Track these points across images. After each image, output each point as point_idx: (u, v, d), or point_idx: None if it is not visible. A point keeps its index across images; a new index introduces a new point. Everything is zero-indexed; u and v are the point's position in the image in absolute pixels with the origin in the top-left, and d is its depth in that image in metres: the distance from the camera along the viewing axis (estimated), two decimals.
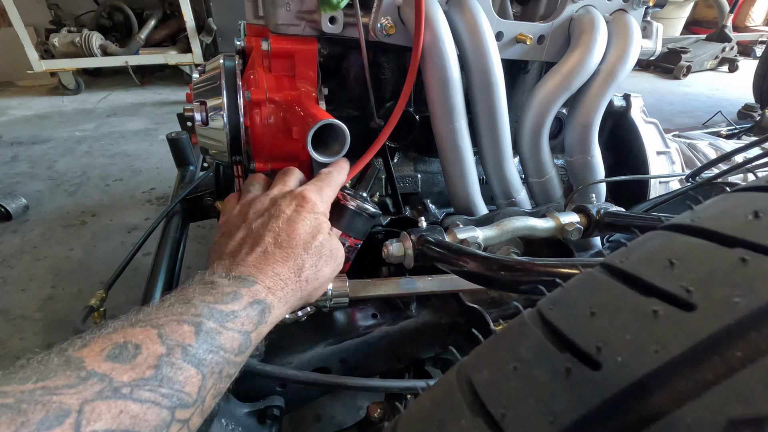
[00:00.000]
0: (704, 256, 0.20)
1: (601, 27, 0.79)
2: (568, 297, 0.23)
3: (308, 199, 0.57)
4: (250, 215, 0.57)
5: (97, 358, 0.33)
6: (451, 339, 0.79)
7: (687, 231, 0.23)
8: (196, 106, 0.71)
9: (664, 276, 0.20)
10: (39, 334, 1.29)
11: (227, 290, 0.44)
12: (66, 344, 0.35)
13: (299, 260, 0.52)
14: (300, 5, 0.72)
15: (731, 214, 0.23)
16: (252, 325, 0.44)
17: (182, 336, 0.37)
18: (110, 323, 0.38)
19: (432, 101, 0.74)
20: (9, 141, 2.63)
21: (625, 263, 0.23)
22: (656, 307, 0.19)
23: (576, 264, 0.49)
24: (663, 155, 1.11)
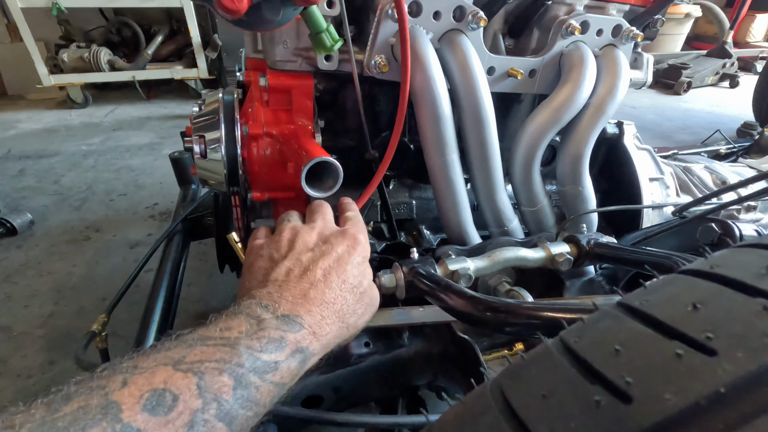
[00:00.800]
0: (727, 302, 0.21)
1: (590, 62, 0.81)
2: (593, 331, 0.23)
3: (360, 242, 0.56)
4: (298, 245, 0.54)
5: (135, 408, 0.32)
6: (442, 368, 0.80)
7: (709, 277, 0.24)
8: (195, 139, 0.74)
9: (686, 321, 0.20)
10: (40, 352, 1.31)
11: (273, 334, 0.42)
12: (107, 373, 0.35)
13: (345, 304, 0.51)
14: (297, 42, 0.74)
15: (748, 263, 0.23)
16: (290, 377, 0.43)
17: (221, 389, 0.36)
18: (151, 353, 0.37)
19: (424, 135, 0.76)
20: (17, 155, 2.68)
21: (645, 306, 0.23)
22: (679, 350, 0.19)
23: (565, 308, 0.50)
24: (656, 181, 1.12)
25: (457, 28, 0.74)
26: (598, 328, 0.24)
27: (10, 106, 3.64)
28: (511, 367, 0.25)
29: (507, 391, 0.23)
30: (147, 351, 0.38)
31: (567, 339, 0.23)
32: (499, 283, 0.83)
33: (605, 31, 0.84)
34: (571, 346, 0.22)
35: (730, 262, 0.24)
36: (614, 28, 0.84)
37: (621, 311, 0.24)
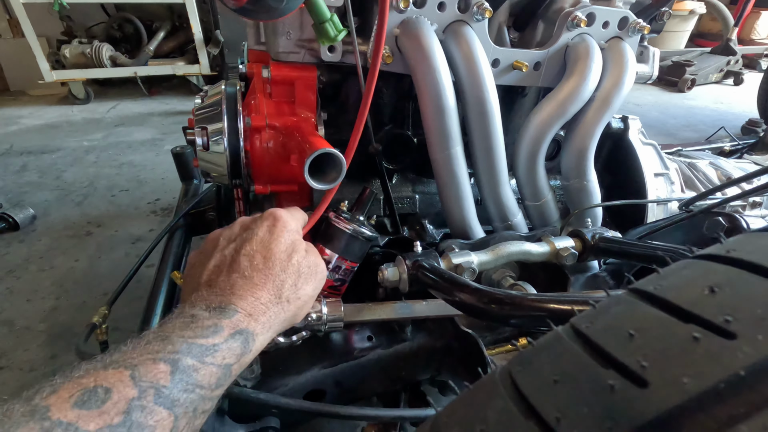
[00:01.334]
0: (745, 285, 0.20)
1: (596, 55, 0.80)
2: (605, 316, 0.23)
3: (279, 218, 0.56)
4: (221, 242, 0.55)
5: (64, 406, 0.32)
6: (445, 362, 0.80)
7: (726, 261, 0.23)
8: (197, 131, 0.73)
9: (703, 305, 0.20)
10: (42, 346, 1.31)
11: (207, 323, 0.43)
12: (34, 391, 0.34)
13: (278, 281, 0.51)
14: (300, 34, 0.74)
15: (766, 247, 0.23)
16: (234, 357, 0.43)
17: (156, 376, 0.36)
18: (83, 365, 0.37)
19: (428, 128, 0.75)
20: (19, 151, 2.67)
21: (659, 290, 0.23)
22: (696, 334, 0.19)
23: (568, 299, 0.49)
24: (661, 176, 1.11)
25: (462, 19, 0.73)
26: (611, 313, 0.23)
27: (12, 102, 3.64)
28: (520, 353, 0.25)
29: (517, 377, 0.22)
30: (76, 365, 0.37)
31: (578, 325, 0.23)
32: (502, 278, 0.83)
33: (611, 23, 0.83)
34: (583, 332, 0.22)
35: (746, 246, 0.23)
36: (621, 21, 0.83)
37: (634, 296, 0.23)
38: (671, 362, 0.18)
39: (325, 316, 0.67)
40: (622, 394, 0.18)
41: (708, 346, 0.18)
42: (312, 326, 0.65)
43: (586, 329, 0.22)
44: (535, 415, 0.20)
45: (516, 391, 0.22)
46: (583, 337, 0.22)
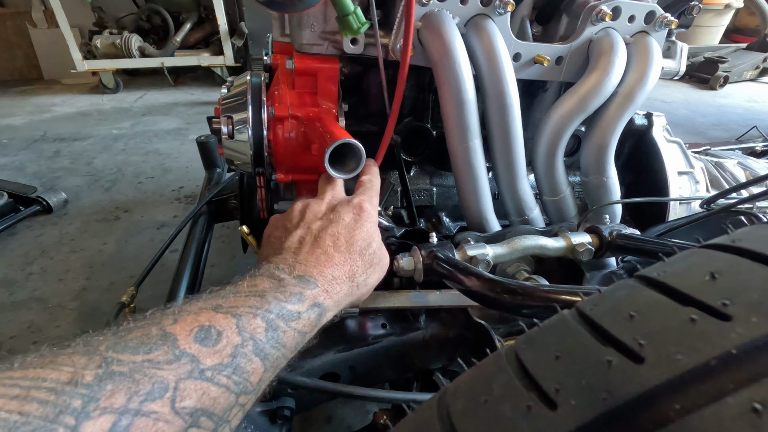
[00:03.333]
0: (745, 272, 0.21)
1: (620, 49, 0.79)
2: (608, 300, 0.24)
3: (365, 209, 0.61)
4: (308, 216, 0.60)
5: (187, 339, 0.37)
6: (458, 352, 0.81)
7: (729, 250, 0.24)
8: (222, 120, 0.76)
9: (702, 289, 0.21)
10: (73, 324, 1.38)
11: (294, 290, 0.48)
12: (158, 315, 0.40)
13: (354, 266, 0.55)
14: (324, 26, 0.75)
15: None
16: (310, 326, 0.49)
17: (255, 329, 0.41)
18: (194, 300, 0.43)
19: (447, 120, 0.76)
20: (52, 137, 2.79)
21: (662, 276, 0.24)
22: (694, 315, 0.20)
23: (579, 292, 0.50)
24: (685, 175, 1.09)
25: (484, 12, 0.74)
26: (614, 296, 0.24)
27: (46, 90, 3.79)
28: (526, 333, 0.26)
29: (521, 353, 0.24)
30: (186, 300, 0.43)
31: (582, 307, 0.24)
32: (517, 271, 0.83)
33: (638, 17, 0.81)
34: (587, 313, 0.23)
35: (751, 236, 0.24)
36: (647, 15, 0.82)
37: (638, 282, 0.24)
38: (667, 341, 0.19)
39: None
40: (618, 369, 0.19)
41: (704, 326, 0.19)
42: None
43: (590, 311, 0.23)
44: (536, 387, 0.21)
45: (520, 366, 0.23)
46: (586, 318, 0.23)
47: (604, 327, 0.21)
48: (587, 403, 0.19)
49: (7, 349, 1.29)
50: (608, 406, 0.18)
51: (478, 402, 0.22)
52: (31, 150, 2.61)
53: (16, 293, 1.51)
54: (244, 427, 0.66)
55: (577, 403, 0.19)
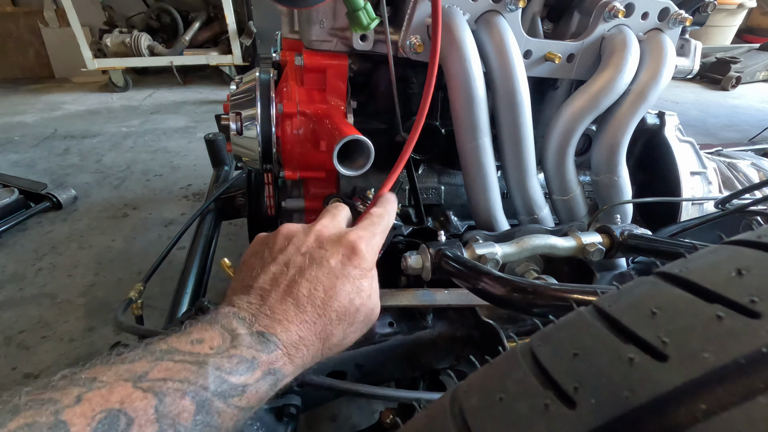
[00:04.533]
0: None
1: (633, 47, 0.78)
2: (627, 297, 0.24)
3: (358, 252, 0.48)
4: (290, 248, 0.49)
5: (84, 429, 0.30)
6: (465, 352, 0.80)
7: (756, 246, 0.23)
8: (231, 117, 0.76)
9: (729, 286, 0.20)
10: (81, 319, 1.39)
11: (246, 354, 0.39)
12: (65, 383, 0.32)
13: (329, 326, 0.45)
14: (333, 22, 0.75)
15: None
16: (257, 400, 0.40)
17: (179, 414, 0.34)
18: (123, 357, 0.36)
19: (457, 118, 0.75)
20: (63, 135, 2.82)
21: (684, 272, 0.23)
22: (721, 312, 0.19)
23: (591, 291, 0.49)
24: (698, 176, 1.07)
25: (495, 9, 0.73)
26: (635, 293, 0.23)
27: (57, 88, 3.83)
28: (542, 330, 0.25)
29: (537, 351, 0.23)
30: (110, 360, 0.35)
31: (601, 304, 0.23)
32: (526, 271, 0.82)
33: (651, 14, 0.80)
34: (605, 310, 0.22)
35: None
36: (661, 12, 0.81)
37: (659, 279, 0.23)
38: (692, 338, 0.18)
39: None
40: (641, 366, 0.18)
41: (731, 324, 0.18)
42: None
43: (609, 308, 0.22)
44: (554, 385, 0.20)
45: (536, 363, 0.22)
46: (605, 315, 0.22)
47: (625, 324, 0.20)
48: (608, 401, 0.18)
49: (17, 343, 1.31)
50: (630, 405, 0.18)
51: (493, 400, 0.22)
52: (42, 147, 2.64)
53: (25, 288, 1.52)
54: (250, 425, 0.66)
55: (597, 402, 0.18)
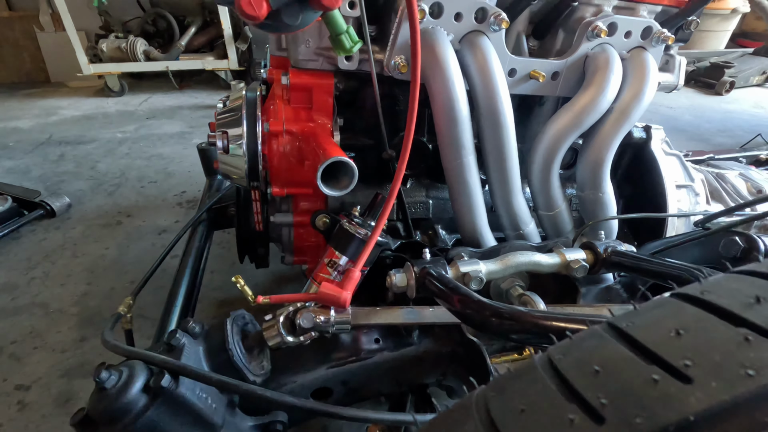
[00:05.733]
0: (710, 330, 0.21)
1: (615, 66, 0.79)
2: None
3: None
4: None
5: None
6: (451, 368, 0.81)
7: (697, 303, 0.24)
8: (218, 135, 0.77)
9: None
10: (73, 329, 1.39)
11: None
12: None
13: None
14: (319, 42, 0.76)
15: (738, 291, 0.23)
16: None
17: None
18: None
19: (441, 137, 0.76)
20: (58, 140, 2.81)
21: (630, 327, 0.23)
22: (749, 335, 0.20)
23: (572, 318, 0.49)
24: (684, 188, 1.08)
25: (479, 29, 0.74)
26: (583, 346, 0.24)
27: (53, 93, 3.82)
28: (498, 379, 0.26)
29: (490, 402, 0.23)
30: None
31: (552, 355, 0.24)
32: (511, 287, 0.83)
33: (634, 33, 0.81)
34: (555, 363, 0.23)
35: (720, 288, 0.23)
36: (644, 30, 0.82)
37: (607, 331, 0.24)
38: (628, 401, 0.19)
39: (333, 319, 0.69)
40: (579, 429, 0.19)
41: (665, 388, 0.19)
42: (320, 327, 0.68)
43: (558, 361, 0.23)
44: (578, 398, 0.20)
45: (488, 416, 0.23)
46: (555, 369, 0.23)
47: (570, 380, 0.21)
48: None
49: (8, 354, 1.31)
50: None
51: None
52: (37, 153, 2.64)
53: (18, 298, 1.52)
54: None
55: None
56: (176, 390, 0.56)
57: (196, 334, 0.66)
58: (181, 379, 0.57)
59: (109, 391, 0.54)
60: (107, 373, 0.55)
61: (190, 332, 0.66)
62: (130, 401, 0.54)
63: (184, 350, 0.61)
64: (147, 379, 0.56)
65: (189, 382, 0.58)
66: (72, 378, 1.24)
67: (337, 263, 0.78)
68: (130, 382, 0.55)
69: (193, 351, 0.64)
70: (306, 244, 0.97)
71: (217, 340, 0.66)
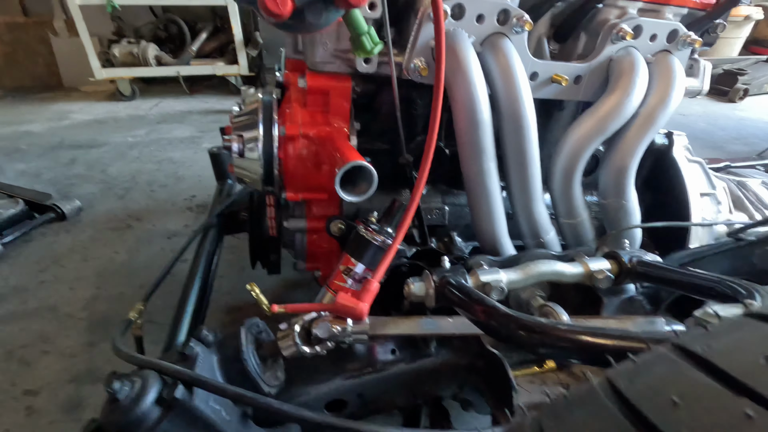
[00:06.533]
0: None
1: (641, 70, 0.76)
2: None
3: None
4: None
5: None
6: (469, 380, 0.78)
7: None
8: (234, 138, 0.75)
9: None
10: (82, 333, 1.38)
11: None
12: None
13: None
14: (337, 44, 0.74)
15: None
16: None
17: None
18: None
19: (461, 142, 0.74)
20: (69, 144, 2.83)
21: (708, 352, 0.21)
22: None
23: (606, 334, 0.47)
24: (707, 197, 1.05)
25: (501, 31, 0.72)
26: (653, 372, 0.22)
27: (65, 97, 3.86)
28: (552, 405, 0.23)
29: (624, 390, 0.21)
30: None
31: (616, 381, 0.21)
32: (532, 297, 0.80)
33: (660, 36, 0.79)
34: (622, 391, 0.21)
35: None
36: (670, 34, 0.79)
37: (679, 355, 0.21)
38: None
39: (350, 329, 0.67)
40: (763, 425, 0.16)
41: (763, 425, 0.16)
42: (336, 338, 0.66)
43: (626, 388, 0.21)
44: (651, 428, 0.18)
45: (625, 403, 0.20)
46: (622, 397, 0.20)
47: (644, 413, 0.19)
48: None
49: (17, 358, 1.30)
50: None
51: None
52: (48, 156, 2.65)
53: (28, 301, 1.51)
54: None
55: None
56: (190, 402, 0.54)
57: (209, 342, 0.64)
58: (195, 390, 0.55)
59: (121, 403, 0.52)
60: (120, 383, 0.53)
61: (204, 341, 0.64)
62: (144, 413, 0.52)
63: (197, 360, 0.59)
64: (160, 390, 0.54)
65: (203, 393, 0.56)
66: (80, 384, 1.23)
67: (352, 270, 0.76)
68: (143, 394, 0.53)
69: (207, 360, 0.62)
70: (319, 250, 0.95)
71: (231, 349, 0.64)
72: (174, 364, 0.58)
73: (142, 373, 0.56)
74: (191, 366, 0.59)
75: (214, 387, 0.54)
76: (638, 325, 0.80)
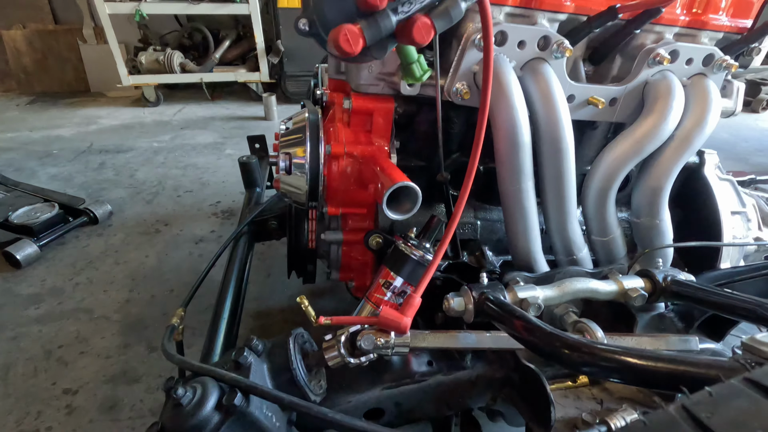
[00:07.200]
0: None
1: (677, 93, 0.78)
2: None
3: None
4: None
5: None
6: (503, 393, 0.80)
7: None
8: (281, 156, 0.79)
9: None
10: (117, 335, 1.43)
11: None
12: None
13: None
14: (381, 68, 0.77)
15: None
16: None
17: None
18: None
19: (500, 161, 0.76)
20: (98, 149, 2.92)
21: None
22: None
23: (653, 357, 0.48)
24: (738, 215, 1.06)
25: (541, 56, 0.74)
26: (734, 406, 0.24)
27: (92, 103, 3.98)
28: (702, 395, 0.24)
29: (708, 423, 0.23)
30: None
31: (696, 412, 0.23)
32: (565, 313, 0.82)
33: (696, 60, 0.81)
34: (703, 421, 0.23)
35: None
36: (706, 57, 0.81)
37: (756, 391, 0.23)
38: None
39: (393, 341, 0.69)
40: None
41: None
42: (380, 350, 0.68)
43: (708, 420, 0.22)
44: None
45: (705, 430, 0.21)
46: (705, 429, 0.22)
47: None
48: None
49: (56, 357, 1.35)
50: None
51: None
52: (79, 161, 2.74)
53: (64, 302, 1.57)
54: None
55: None
56: (247, 409, 0.57)
57: (259, 351, 0.68)
58: (251, 397, 0.59)
59: (185, 408, 0.55)
60: (183, 389, 0.56)
61: (254, 350, 0.67)
62: (205, 418, 0.55)
63: (251, 368, 0.62)
64: (219, 396, 0.57)
65: (257, 400, 0.59)
66: (116, 384, 1.27)
67: (392, 284, 0.78)
68: (204, 399, 0.56)
69: (259, 369, 0.65)
70: (353, 262, 0.98)
71: (280, 358, 0.67)
72: (229, 372, 0.61)
73: (202, 380, 0.60)
74: (246, 374, 0.62)
75: (270, 395, 0.57)
76: (671, 344, 0.81)
